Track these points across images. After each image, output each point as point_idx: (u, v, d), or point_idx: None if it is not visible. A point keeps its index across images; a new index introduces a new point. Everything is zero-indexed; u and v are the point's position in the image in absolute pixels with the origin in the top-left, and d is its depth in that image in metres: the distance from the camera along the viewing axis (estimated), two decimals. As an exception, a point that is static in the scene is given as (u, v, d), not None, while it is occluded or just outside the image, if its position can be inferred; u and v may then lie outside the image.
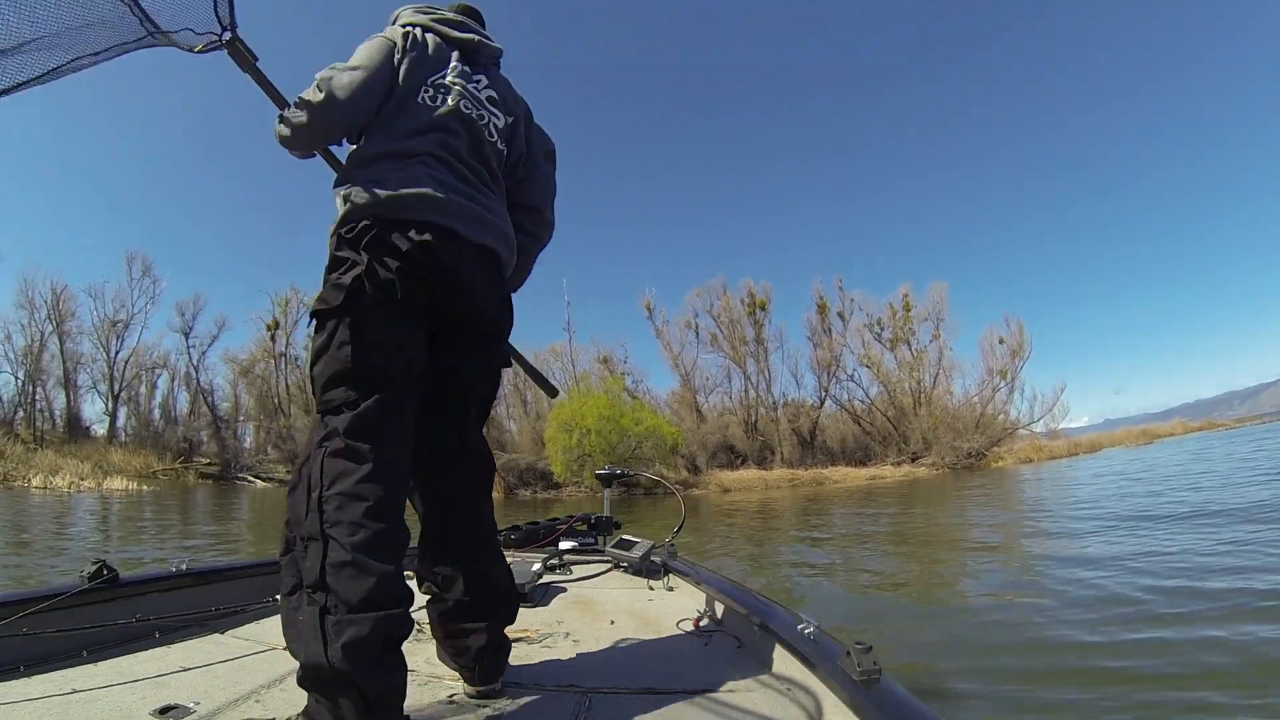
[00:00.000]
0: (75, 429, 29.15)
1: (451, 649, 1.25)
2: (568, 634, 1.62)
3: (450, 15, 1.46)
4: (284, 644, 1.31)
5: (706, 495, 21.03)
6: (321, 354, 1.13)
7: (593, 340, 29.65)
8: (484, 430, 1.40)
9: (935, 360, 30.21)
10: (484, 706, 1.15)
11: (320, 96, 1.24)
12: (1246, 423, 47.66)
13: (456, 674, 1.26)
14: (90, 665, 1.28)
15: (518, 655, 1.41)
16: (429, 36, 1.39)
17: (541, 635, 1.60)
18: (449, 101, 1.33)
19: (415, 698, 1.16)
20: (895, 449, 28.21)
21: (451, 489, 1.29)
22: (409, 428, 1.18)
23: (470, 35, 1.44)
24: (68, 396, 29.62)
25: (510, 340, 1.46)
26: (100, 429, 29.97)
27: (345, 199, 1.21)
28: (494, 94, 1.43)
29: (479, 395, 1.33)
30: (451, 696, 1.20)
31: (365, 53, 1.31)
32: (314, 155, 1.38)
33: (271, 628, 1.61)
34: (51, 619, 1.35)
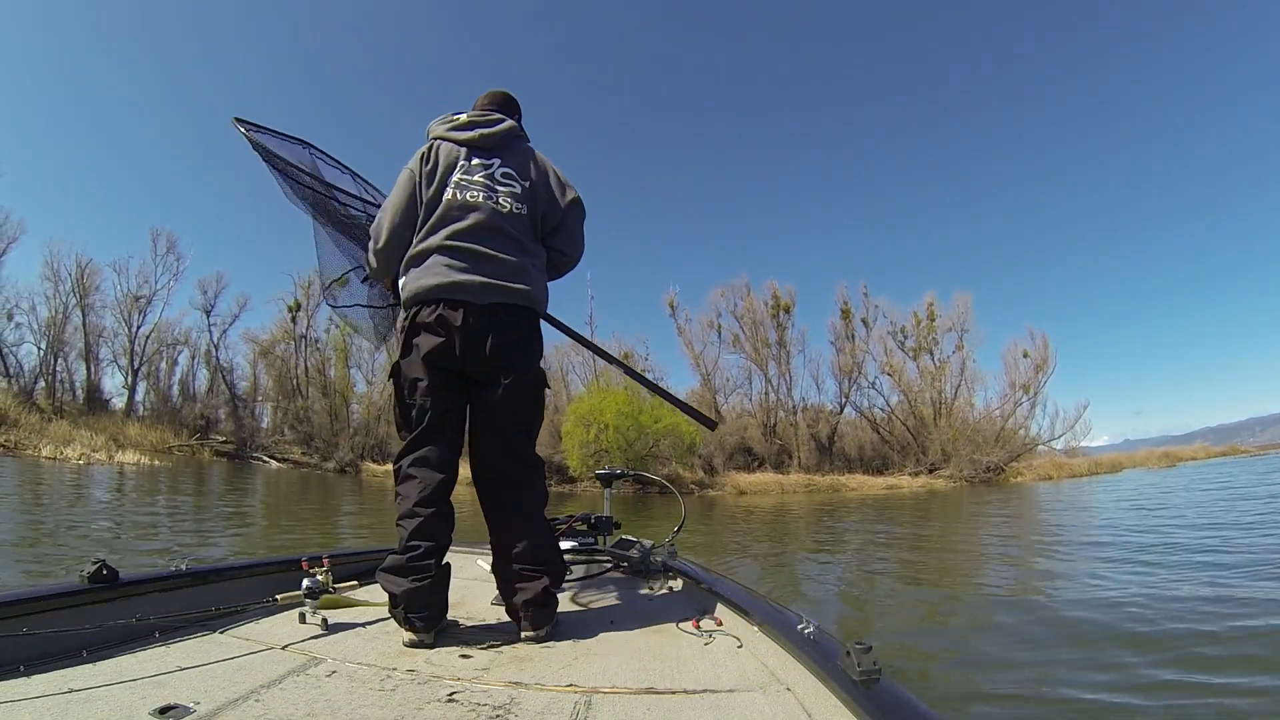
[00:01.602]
0: (94, 401, 29.34)
1: (509, 601, 1.63)
2: (568, 633, 1.64)
3: (460, 118, 1.81)
4: (284, 644, 1.47)
5: (722, 497, 20.86)
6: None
7: (615, 336, 29.45)
8: (530, 436, 1.76)
9: (958, 371, 29.73)
10: (484, 705, 1.16)
11: (373, 244, 1.79)
12: (1270, 450, 46.52)
13: (457, 674, 1.31)
14: (90, 665, 1.28)
15: (518, 655, 1.46)
16: (443, 146, 1.76)
17: (541, 635, 1.63)
18: (455, 195, 1.70)
19: (416, 697, 1.19)
20: (913, 459, 27.82)
21: (503, 486, 1.71)
22: (450, 443, 1.69)
23: (473, 133, 1.77)
24: (88, 369, 29.87)
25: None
26: (120, 402, 30.25)
27: (402, 289, 1.73)
28: (509, 169, 1.76)
29: (507, 417, 1.70)
30: (452, 695, 1.20)
31: (394, 190, 1.77)
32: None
33: (271, 627, 1.62)
34: (51, 619, 1.36)
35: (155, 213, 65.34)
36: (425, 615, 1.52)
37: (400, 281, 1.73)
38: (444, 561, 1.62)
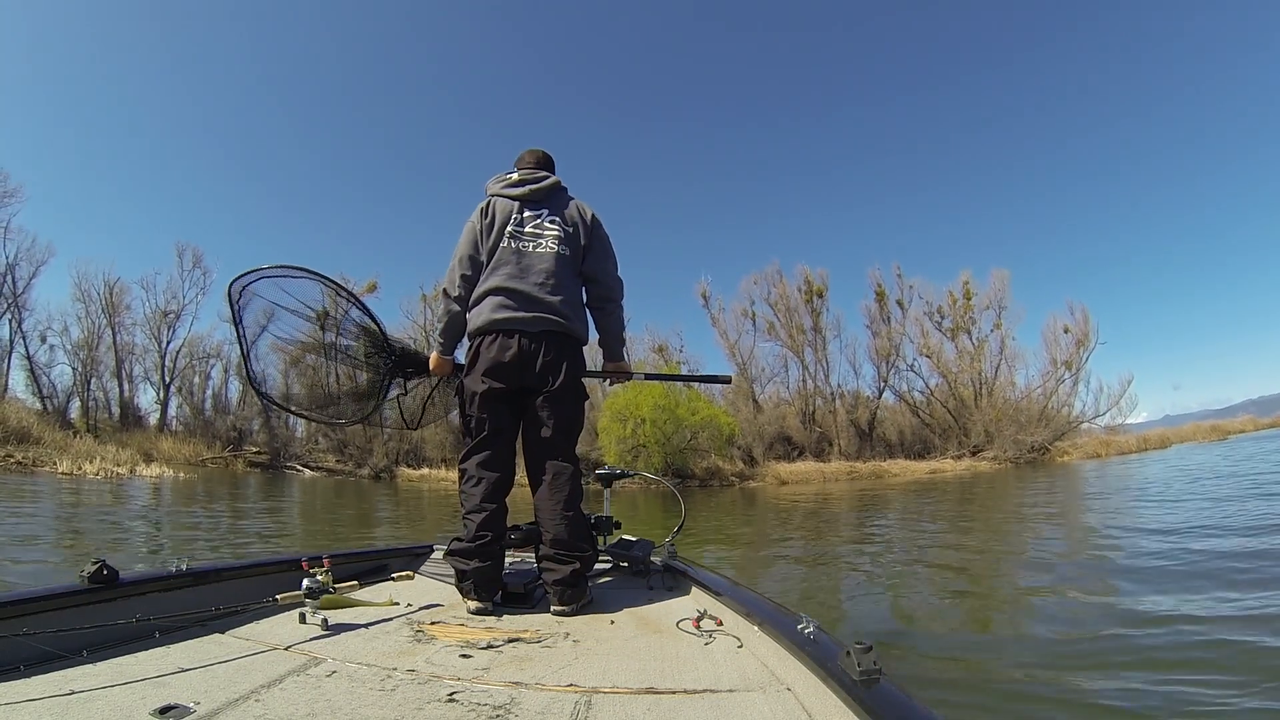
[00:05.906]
0: (129, 418, 29.59)
1: (547, 579, 1.88)
2: (568, 634, 1.64)
3: (513, 177, 2.13)
4: (284, 644, 1.47)
5: (763, 488, 20.39)
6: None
7: (648, 328, 29.07)
8: (569, 437, 2.01)
9: (997, 350, 29.06)
10: (484, 705, 1.16)
11: (446, 289, 2.10)
12: (1319, 420, 45.08)
13: (457, 674, 1.32)
14: (90, 665, 1.29)
15: (518, 655, 1.46)
16: (499, 202, 2.10)
17: (541, 635, 1.62)
18: (510, 244, 2.03)
19: (416, 697, 1.19)
20: (955, 442, 27.15)
21: (545, 481, 1.97)
22: (507, 449, 2.02)
23: (524, 189, 2.09)
24: (120, 386, 30.09)
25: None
26: (156, 418, 30.35)
27: (469, 323, 2.09)
28: (555, 217, 2.08)
29: (551, 423, 1.98)
30: (452, 695, 1.20)
31: (460, 242, 2.09)
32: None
33: (271, 627, 1.62)
34: (51, 619, 1.36)
35: (179, 225, 66.07)
36: (489, 588, 1.87)
37: (469, 318, 2.05)
38: (500, 546, 1.94)
